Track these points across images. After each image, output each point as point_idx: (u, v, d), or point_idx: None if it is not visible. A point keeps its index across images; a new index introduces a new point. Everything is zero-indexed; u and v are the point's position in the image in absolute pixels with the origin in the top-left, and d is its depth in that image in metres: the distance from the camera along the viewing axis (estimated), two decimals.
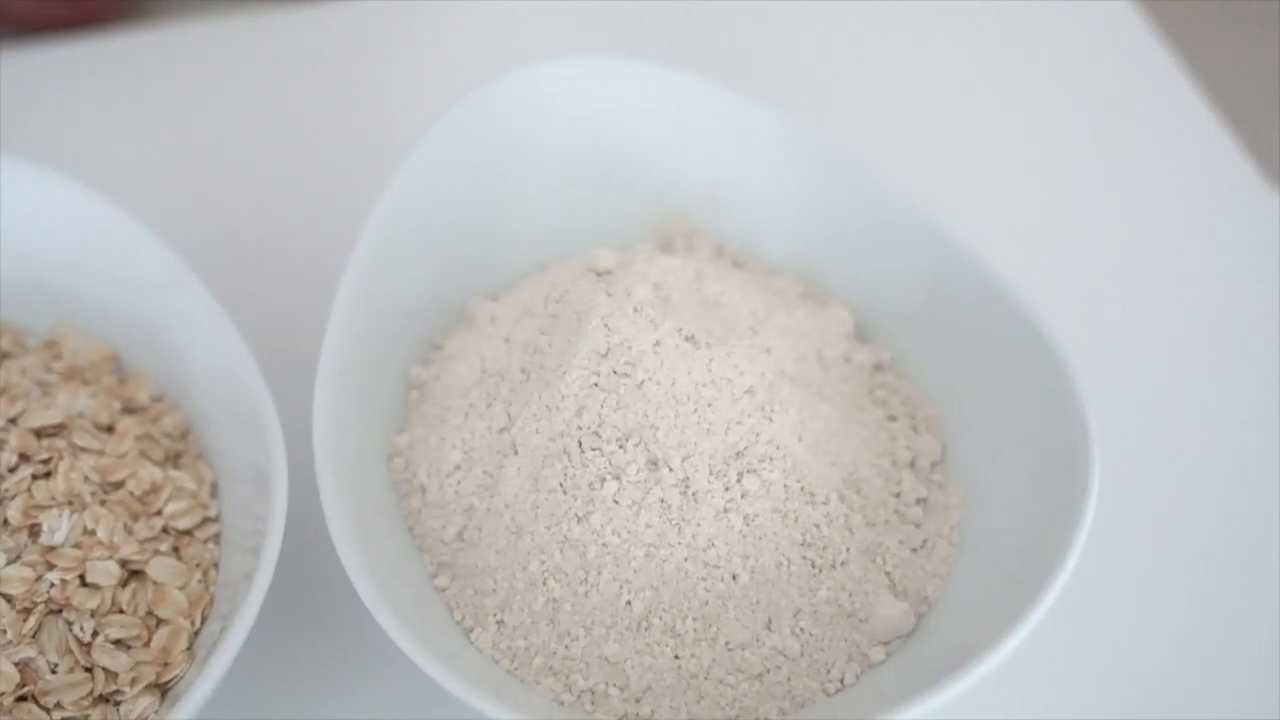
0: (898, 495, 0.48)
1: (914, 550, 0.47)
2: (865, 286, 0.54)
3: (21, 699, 0.44)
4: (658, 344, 0.45)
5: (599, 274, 0.49)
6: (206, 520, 0.49)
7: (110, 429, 0.51)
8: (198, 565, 0.48)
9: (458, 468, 0.48)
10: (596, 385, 0.45)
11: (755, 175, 0.56)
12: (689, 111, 0.56)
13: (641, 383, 0.45)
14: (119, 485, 0.49)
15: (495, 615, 0.45)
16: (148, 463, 0.50)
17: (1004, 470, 0.48)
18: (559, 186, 0.56)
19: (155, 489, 0.49)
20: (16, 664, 0.45)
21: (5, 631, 0.45)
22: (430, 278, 0.53)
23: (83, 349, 0.54)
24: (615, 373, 0.45)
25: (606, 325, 0.45)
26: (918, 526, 0.48)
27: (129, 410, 0.52)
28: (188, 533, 0.49)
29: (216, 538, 0.49)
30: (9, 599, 0.45)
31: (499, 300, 0.53)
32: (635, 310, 0.46)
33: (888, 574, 0.46)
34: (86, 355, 0.54)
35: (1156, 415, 0.56)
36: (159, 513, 0.49)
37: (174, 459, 0.51)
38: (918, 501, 0.48)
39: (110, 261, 0.54)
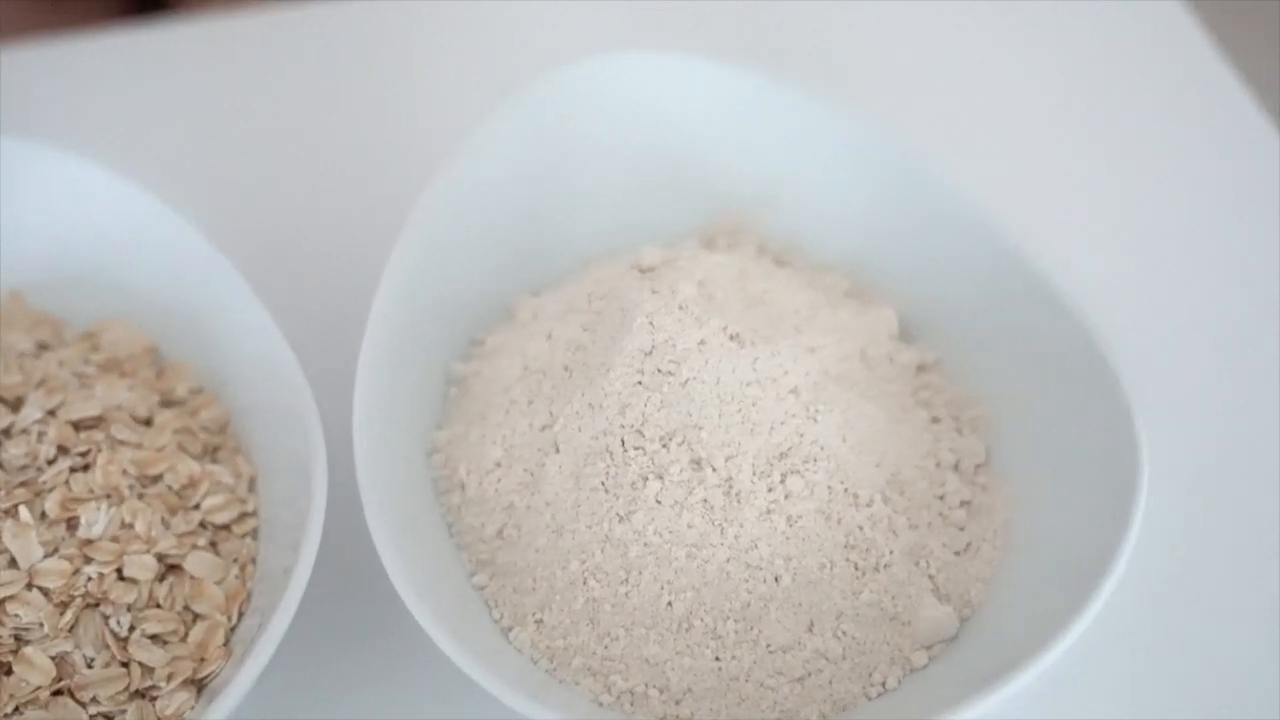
0: (941, 498, 0.47)
1: (957, 553, 0.46)
2: (912, 285, 0.53)
3: (57, 693, 0.44)
4: (703, 342, 0.45)
5: (643, 271, 0.49)
6: (244, 515, 0.49)
7: (149, 422, 0.51)
8: (235, 560, 0.48)
9: (498, 465, 0.47)
10: (640, 384, 0.45)
11: (806, 171, 0.55)
12: (739, 107, 0.56)
13: (686, 381, 0.44)
14: (157, 479, 0.49)
15: (534, 614, 0.45)
16: (186, 456, 0.49)
17: (1049, 475, 0.47)
18: (607, 183, 0.56)
19: (193, 483, 0.49)
20: (53, 658, 0.44)
21: (42, 625, 0.45)
22: (474, 274, 0.53)
23: (122, 341, 0.54)
24: (660, 371, 0.45)
25: (651, 323, 0.45)
26: (961, 529, 0.47)
27: (167, 403, 0.52)
28: (225, 527, 0.49)
29: (255, 532, 0.49)
30: (46, 593, 0.45)
31: (541, 296, 0.53)
32: (681, 308, 0.45)
33: (931, 577, 0.46)
34: (125, 347, 0.54)
35: (1202, 420, 0.55)
36: (197, 506, 0.49)
37: (212, 452, 0.51)
38: (962, 504, 0.48)
39: (152, 255, 0.54)
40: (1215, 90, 0.68)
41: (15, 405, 0.50)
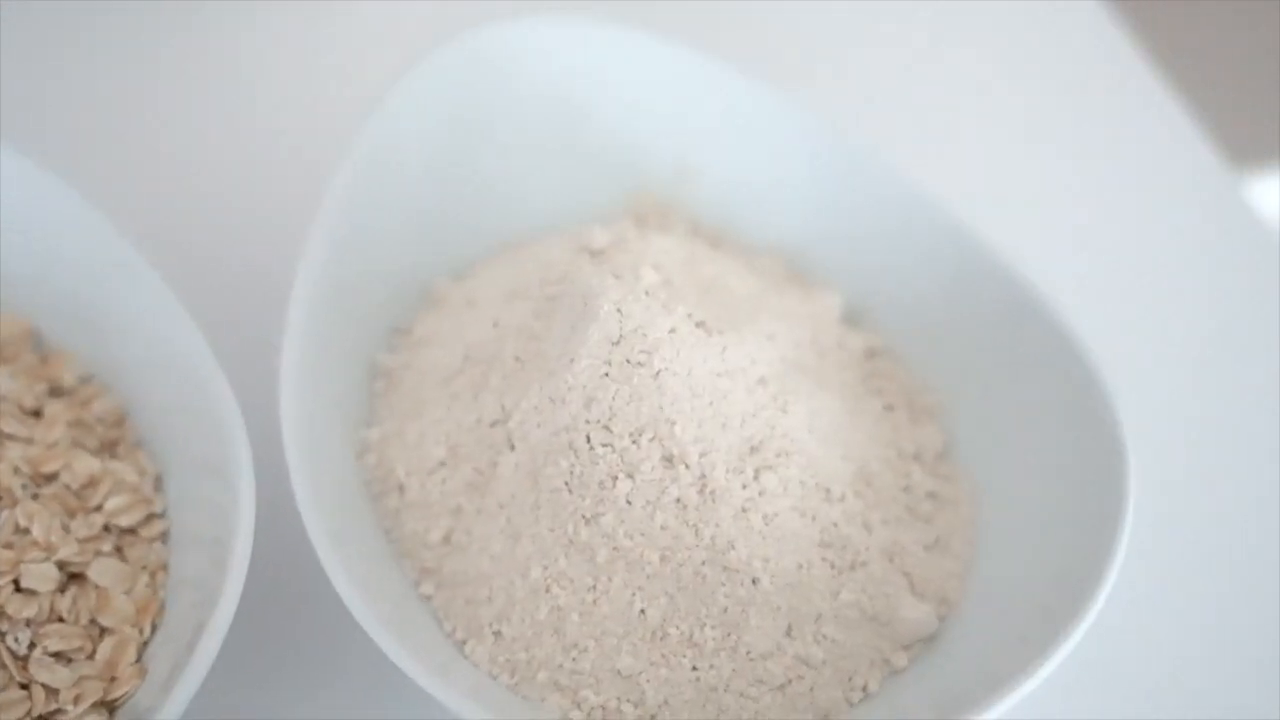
0: (906, 490, 0.45)
1: (928, 548, 0.44)
2: (850, 269, 0.51)
3: None
4: (673, 330, 0.42)
5: (593, 254, 0.45)
6: (151, 516, 0.44)
7: (37, 414, 0.45)
8: (144, 567, 0.43)
9: (442, 464, 0.44)
10: (607, 375, 0.41)
11: (730, 149, 0.53)
12: (659, 78, 0.53)
13: (658, 373, 0.41)
14: (52, 478, 0.44)
15: (492, 626, 0.41)
16: (83, 452, 0.44)
17: (1015, 464, 0.45)
18: (523, 159, 0.52)
19: (93, 482, 0.44)
20: None
21: None
22: (391, 257, 0.49)
23: None
24: (629, 362, 0.41)
25: (619, 310, 0.41)
26: (928, 523, 0.45)
27: (55, 393, 0.47)
28: (131, 530, 0.44)
29: (164, 536, 0.44)
30: None
31: (467, 281, 0.49)
32: (647, 294, 0.42)
33: (907, 574, 0.43)
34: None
35: (1171, 412, 0.54)
36: (99, 508, 0.44)
37: (110, 448, 0.46)
38: (928, 496, 0.46)
39: (23, 225, 0.48)
40: (1130, 80, 0.67)
41: None
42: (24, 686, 0.40)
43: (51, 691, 0.40)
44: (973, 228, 0.48)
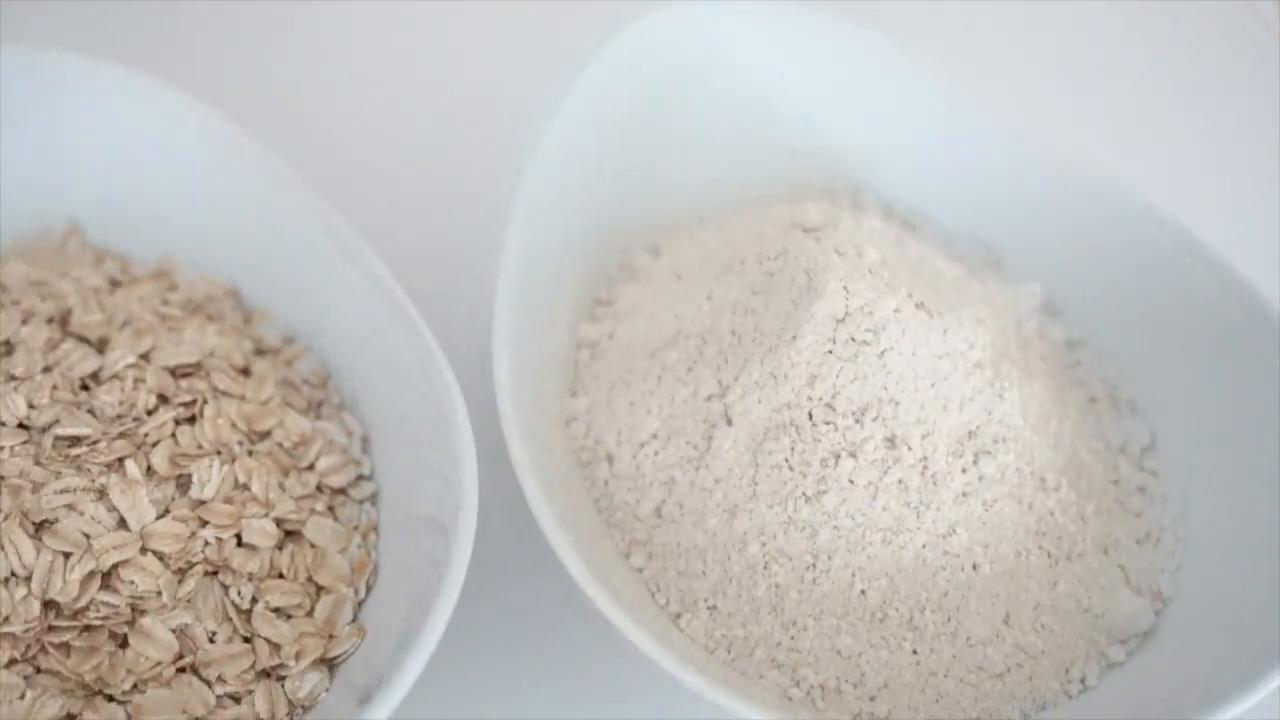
0: (1116, 483, 0.45)
1: (1139, 542, 0.44)
2: (1046, 258, 0.51)
3: (180, 670, 0.39)
4: (897, 310, 0.42)
5: (805, 230, 0.45)
6: (360, 478, 0.44)
7: (245, 372, 0.46)
8: (355, 528, 0.43)
9: (654, 437, 0.43)
10: (831, 353, 0.41)
11: (919, 135, 0.52)
12: (852, 63, 0.53)
13: (883, 352, 0.41)
14: (265, 435, 0.44)
15: (707, 601, 0.41)
16: (293, 411, 0.45)
17: (1225, 458, 0.45)
18: (715, 136, 0.52)
19: (305, 441, 0.44)
20: (173, 631, 0.39)
21: (160, 594, 0.40)
22: (589, 229, 0.49)
23: (198, 281, 0.49)
24: (854, 340, 0.41)
25: (845, 287, 0.41)
26: (1139, 516, 0.45)
27: (259, 353, 0.47)
28: (341, 491, 0.44)
29: (374, 498, 0.44)
30: (162, 558, 0.40)
31: (667, 254, 0.49)
32: (870, 273, 0.42)
33: (1121, 567, 0.43)
34: (203, 288, 0.48)
35: None
36: (311, 468, 0.44)
37: (315, 409, 0.46)
38: (1137, 490, 0.45)
39: (227, 187, 0.49)
40: None
41: (100, 346, 0.45)
42: (246, 640, 0.40)
43: (274, 646, 0.40)
44: (1175, 217, 0.48)
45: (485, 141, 0.56)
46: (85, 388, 0.43)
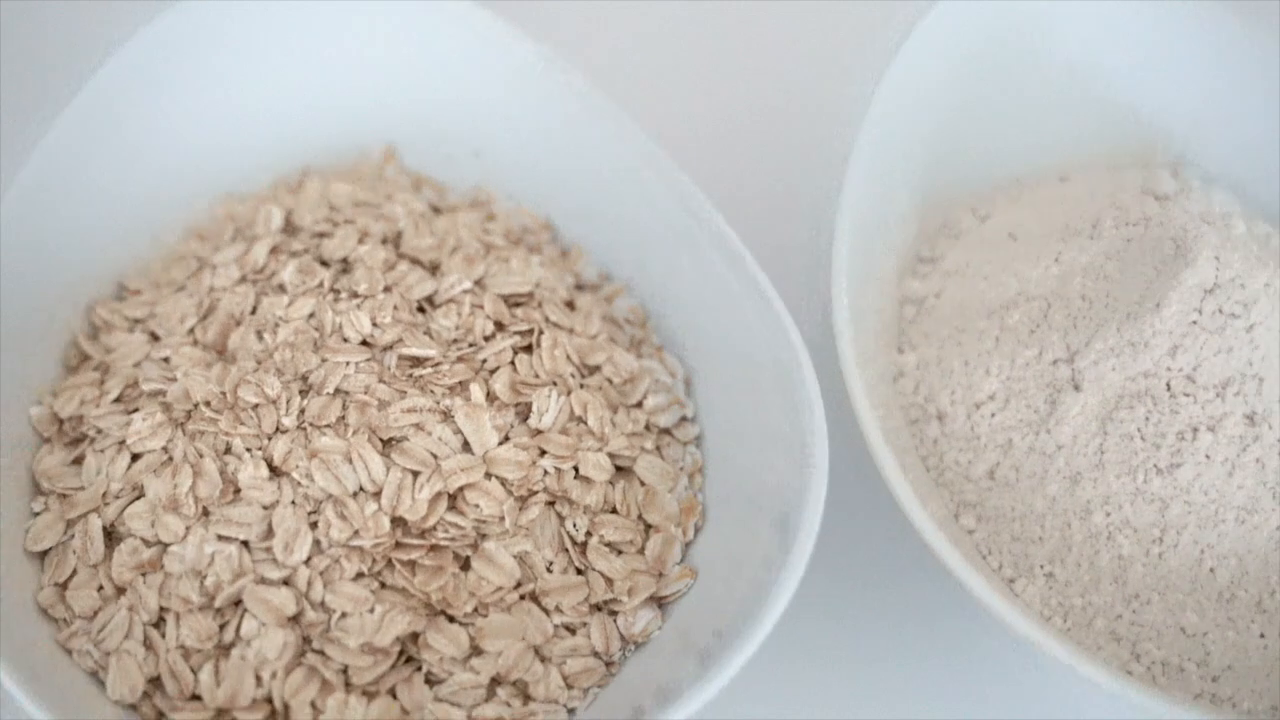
0: None
1: None
2: None
3: (520, 598, 0.39)
4: (1267, 285, 0.40)
5: (1157, 198, 0.44)
6: (684, 419, 0.44)
7: (569, 305, 0.45)
8: (682, 469, 0.43)
9: (991, 398, 0.43)
10: (1196, 324, 0.40)
11: (1252, 108, 0.50)
12: (1180, 32, 0.51)
13: (1251, 326, 0.40)
14: (594, 370, 0.44)
15: (1044, 567, 0.41)
16: (618, 348, 0.44)
17: None
18: (1036, 102, 0.51)
19: (632, 379, 0.44)
20: (515, 557, 0.40)
21: (503, 519, 0.40)
22: (916, 187, 0.48)
23: (514, 212, 0.49)
24: (1221, 312, 0.40)
25: (1217, 258, 0.40)
26: None
27: (579, 288, 0.47)
28: (667, 432, 0.44)
29: (698, 440, 0.44)
30: (505, 484, 0.40)
31: (995, 215, 0.48)
32: (1241, 245, 0.41)
33: None
34: (518, 220, 0.48)
35: None
36: (639, 405, 0.44)
37: (636, 347, 0.45)
38: None
39: (552, 123, 0.48)
40: None
41: (431, 270, 0.45)
42: (579, 572, 0.40)
43: (607, 581, 0.40)
44: None
45: (818, 103, 0.55)
46: (421, 310, 0.43)
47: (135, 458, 0.41)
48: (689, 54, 0.58)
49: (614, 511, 0.41)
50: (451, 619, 0.39)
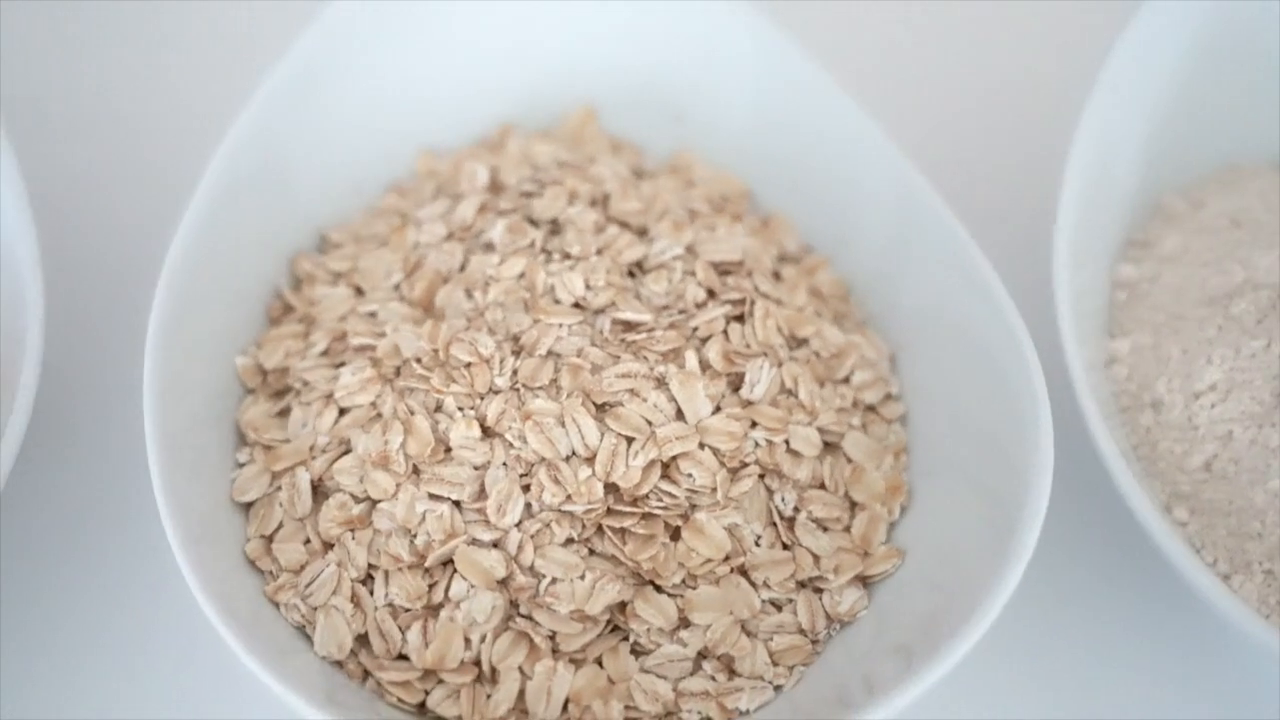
0: None
1: None
2: None
3: (729, 571, 0.39)
4: None
5: None
6: (889, 397, 0.43)
7: (775, 276, 0.45)
8: (888, 448, 0.42)
9: (1212, 388, 0.42)
10: None
11: None
12: None
13: None
14: (802, 343, 0.43)
15: (1262, 564, 0.40)
16: (827, 322, 0.44)
17: None
18: (1251, 89, 0.49)
19: (840, 354, 0.43)
20: (725, 529, 0.39)
21: (714, 491, 0.39)
22: (1132, 169, 0.47)
23: (714, 179, 0.48)
24: None
25: None
26: None
27: (782, 259, 0.46)
28: (872, 409, 0.43)
29: (903, 419, 0.43)
30: (717, 454, 0.40)
31: (1208, 203, 0.47)
32: None
33: None
34: (718, 186, 0.48)
35: None
36: (846, 380, 0.43)
37: (838, 322, 0.45)
38: None
39: (754, 86, 0.48)
40: None
41: (639, 234, 0.44)
42: (786, 548, 0.40)
43: (814, 557, 0.40)
44: None
45: (1037, 80, 0.54)
46: (630, 274, 0.43)
47: (343, 412, 0.41)
48: (908, 34, 0.57)
49: (822, 487, 0.41)
50: (660, 589, 0.38)
